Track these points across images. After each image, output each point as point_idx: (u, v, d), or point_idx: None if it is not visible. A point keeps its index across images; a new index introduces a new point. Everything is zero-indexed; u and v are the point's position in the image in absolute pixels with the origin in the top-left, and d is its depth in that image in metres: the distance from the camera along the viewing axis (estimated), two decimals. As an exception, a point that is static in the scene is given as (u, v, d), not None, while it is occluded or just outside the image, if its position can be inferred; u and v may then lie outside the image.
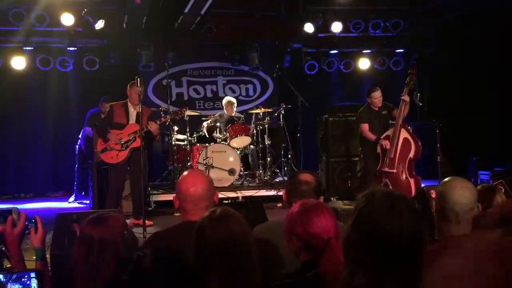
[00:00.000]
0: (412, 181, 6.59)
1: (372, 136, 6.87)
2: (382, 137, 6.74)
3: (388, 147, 6.62)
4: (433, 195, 5.14)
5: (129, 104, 6.59)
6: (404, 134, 6.65)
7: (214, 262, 1.72)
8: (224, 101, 8.78)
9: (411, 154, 6.61)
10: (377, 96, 6.95)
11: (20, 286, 1.91)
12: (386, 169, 6.63)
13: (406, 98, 6.57)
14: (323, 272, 1.80)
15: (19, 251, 2.27)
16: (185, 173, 2.63)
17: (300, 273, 1.97)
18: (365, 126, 6.97)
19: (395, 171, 6.60)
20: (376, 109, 7.00)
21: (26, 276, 1.92)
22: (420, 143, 6.64)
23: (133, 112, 6.58)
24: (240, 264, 1.74)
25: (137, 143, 6.36)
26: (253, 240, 1.83)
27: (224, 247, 1.73)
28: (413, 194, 6.36)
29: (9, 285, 1.90)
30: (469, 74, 8.87)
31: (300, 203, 2.18)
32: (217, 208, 1.88)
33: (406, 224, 1.50)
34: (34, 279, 1.90)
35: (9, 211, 2.27)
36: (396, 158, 6.60)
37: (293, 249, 2.09)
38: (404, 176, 6.62)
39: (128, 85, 6.56)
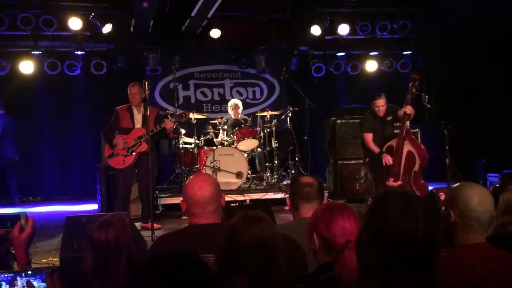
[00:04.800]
0: (418, 193, 6.33)
1: (375, 149, 6.50)
2: (384, 149, 6.40)
3: (390, 163, 6.28)
4: (442, 198, 5.09)
5: (133, 107, 6.60)
6: (407, 146, 6.28)
7: (245, 262, 1.73)
8: (230, 104, 8.77)
9: (416, 167, 6.28)
10: (379, 104, 6.55)
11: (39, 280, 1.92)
12: (391, 183, 6.28)
13: (408, 110, 6.15)
14: (339, 275, 1.78)
15: (26, 256, 2.27)
16: (192, 177, 2.64)
17: (315, 275, 1.95)
18: (369, 136, 6.59)
19: (401, 183, 6.35)
20: (381, 115, 6.63)
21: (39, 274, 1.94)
22: (425, 151, 6.34)
23: (137, 115, 6.58)
24: (270, 266, 1.75)
25: (143, 147, 6.38)
26: (281, 244, 1.84)
27: (257, 248, 1.75)
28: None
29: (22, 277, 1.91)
30: (477, 75, 8.82)
31: (327, 203, 2.21)
32: (249, 211, 1.89)
33: (421, 225, 1.48)
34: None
35: (17, 216, 2.28)
36: (401, 172, 6.28)
37: (312, 248, 2.09)
38: (410, 189, 6.38)
39: (128, 88, 6.61)
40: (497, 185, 2.88)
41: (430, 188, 6.60)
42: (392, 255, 1.47)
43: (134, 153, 6.46)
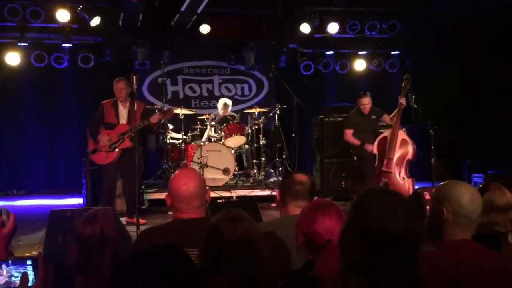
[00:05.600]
0: (409, 182, 6.68)
1: (356, 142, 6.95)
2: (379, 137, 6.79)
3: (375, 151, 6.73)
4: (427, 197, 5.17)
5: (118, 102, 6.53)
6: (402, 135, 6.74)
7: (229, 261, 1.73)
8: (220, 103, 8.74)
9: (409, 155, 6.73)
10: (365, 102, 6.96)
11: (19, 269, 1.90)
12: (385, 169, 6.69)
13: (403, 101, 6.68)
14: (319, 273, 1.80)
15: (6, 252, 2.25)
16: (177, 172, 2.64)
17: (299, 272, 1.97)
18: (349, 132, 7.05)
19: (392, 171, 6.65)
20: (366, 113, 7.02)
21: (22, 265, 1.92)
22: (414, 144, 6.73)
23: (123, 110, 6.52)
24: (254, 263, 1.76)
25: (126, 143, 6.35)
26: (264, 241, 1.85)
27: (240, 247, 1.75)
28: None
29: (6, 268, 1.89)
30: (464, 76, 8.91)
31: (313, 201, 2.23)
32: (231, 210, 1.90)
33: (401, 223, 1.50)
34: (30, 266, 1.89)
35: None
36: (394, 159, 6.65)
37: (298, 246, 2.12)
38: (401, 177, 6.69)
39: (114, 82, 6.54)
40: (481, 185, 2.93)
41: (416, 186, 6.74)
42: (374, 252, 1.49)
43: (117, 149, 6.41)
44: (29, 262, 1.89)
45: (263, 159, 8.41)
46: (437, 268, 1.92)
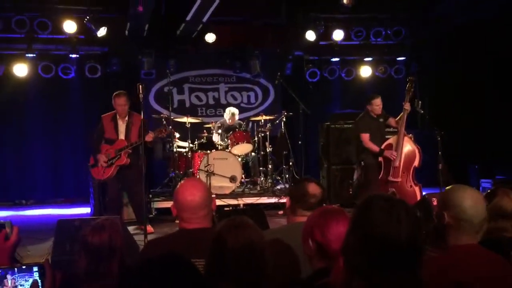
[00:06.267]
0: (417, 189, 6.61)
1: (375, 148, 6.69)
2: (383, 146, 6.69)
3: (395, 156, 6.56)
4: (435, 203, 5.14)
5: (118, 117, 6.51)
6: (407, 142, 6.66)
7: (232, 269, 1.73)
8: (227, 112, 8.75)
9: (416, 163, 6.63)
10: (378, 103, 6.84)
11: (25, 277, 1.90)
12: (391, 179, 6.59)
13: (408, 106, 6.58)
14: (334, 281, 1.79)
15: (10, 263, 2.27)
16: (183, 182, 2.64)
17: (309, 281, 1.96)
18: (366, 136, 6.77)
19: (400, 180, 6.58)
20: (375, 116, 6.91)
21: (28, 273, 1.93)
22: (421, 151, 6.66)
23: (122, 126, 6.52)
24: (258, 270, 1.75)
25: (122, 160, 6.39)
26: (268, 249, 1.84)
27: (244, 254, 1.75)
28: (418, 202, 6.35)
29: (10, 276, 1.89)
30: (470, 81, 8.87)
31: (322, 208, 2.22)
32: (236, 217, 1.89)
33: (404, 229, 1.50)
34: (37, 273, 1.90)
35: (2, 225, 2.28)
36: (401, 167, 6.56)
37: (307, 253, 2.10)
38: (409, 185, 6.62)
39: (112, 97, 6.49)
40: (489, 191, 2.91)
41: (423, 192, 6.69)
42: (376, 257, 1.50)
43: (113, 165, 6.42)
44: (35, 269, 1.90)
45: (270, 166, 8.41)
46: (440, 273, 1.92)
